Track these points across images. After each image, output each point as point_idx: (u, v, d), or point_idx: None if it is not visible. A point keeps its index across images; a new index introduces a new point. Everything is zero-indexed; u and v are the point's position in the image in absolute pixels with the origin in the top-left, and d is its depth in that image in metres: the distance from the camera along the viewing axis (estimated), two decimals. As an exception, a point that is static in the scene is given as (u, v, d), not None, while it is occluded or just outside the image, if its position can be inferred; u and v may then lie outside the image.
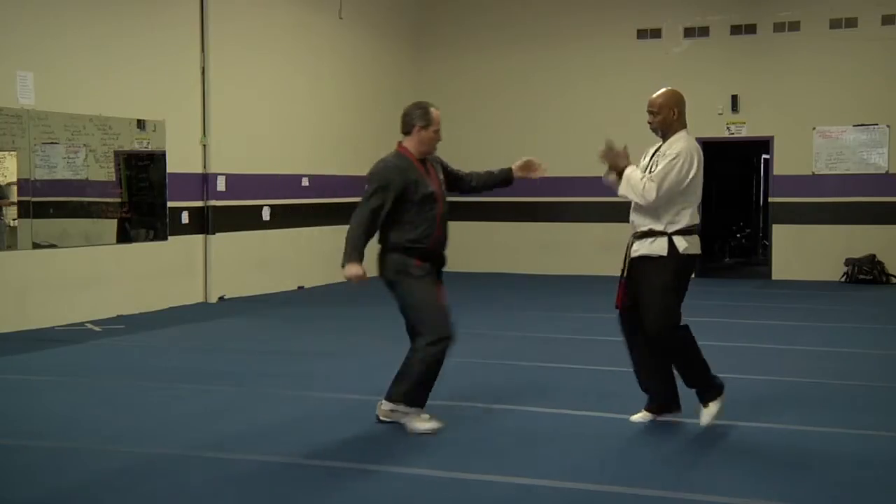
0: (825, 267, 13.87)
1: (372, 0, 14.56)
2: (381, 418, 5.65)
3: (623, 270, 5.60)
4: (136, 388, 6.84)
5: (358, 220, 5.49)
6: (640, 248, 5.49)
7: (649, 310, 5.42)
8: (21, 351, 8.19)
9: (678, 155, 5.41)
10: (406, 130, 5.62)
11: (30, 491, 4.58)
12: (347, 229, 5.48)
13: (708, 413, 5.56)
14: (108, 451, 5.17)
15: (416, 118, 5.59)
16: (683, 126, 5.57)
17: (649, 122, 5.59)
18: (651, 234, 5.46)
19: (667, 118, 5.52)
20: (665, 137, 5.55)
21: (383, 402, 5.65)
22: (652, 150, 5.66)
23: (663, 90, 5.63)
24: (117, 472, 4.84)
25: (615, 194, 5.68)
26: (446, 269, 5.68)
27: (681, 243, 5.43)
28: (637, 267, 5.51)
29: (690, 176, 5.43)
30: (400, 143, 5.66)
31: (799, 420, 5.83)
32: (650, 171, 5.48)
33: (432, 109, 5.62)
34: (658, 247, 5.42)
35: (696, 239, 5.52)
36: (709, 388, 5.56)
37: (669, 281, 5.42)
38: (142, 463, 5.00)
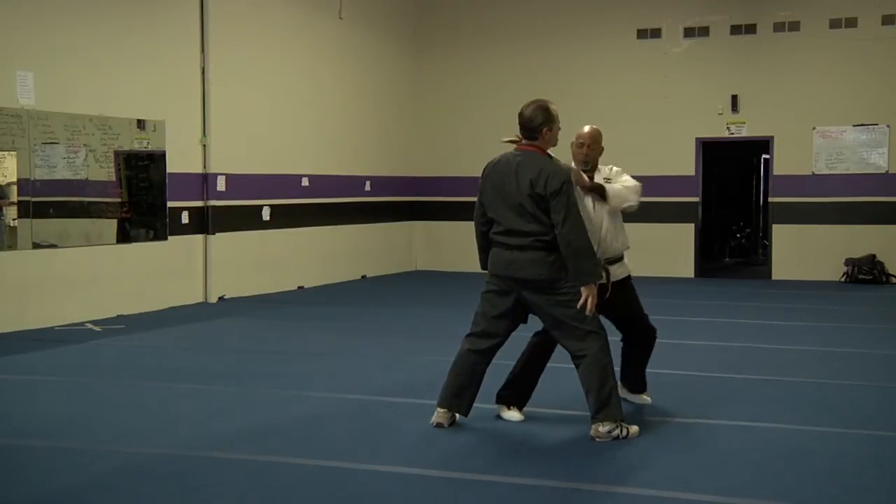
0: (825, 267, 13.88)
1: (372, 0, 14.57)
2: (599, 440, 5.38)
3: (607, 291, 5.79)
4: (136, 388, 6.84)
5: (582, 227, 5.27)
6: (622, 271, 5.88)
7: (643, 315, 6.02)
8: (21, 351, 8.19)
9: (622, 171, 5.91)
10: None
11: (29, 491, 4.58)
12: (575, 241, 5.20)
13: (646, 398, 6.12)
14: (108, 451, 5.17)
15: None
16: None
17: (585, 154, 5.83)
18: (622, 257, 5.89)
19: (598, 151, 5.87)
20: (594, 168, 5.86)
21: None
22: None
23: (588, 127, 5.90)
24: (117, 472, 4.85)
25: None
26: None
27: (629, 264, 5.98)
28: (618, 287, 5.85)
29: None
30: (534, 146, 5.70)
31: (799, 420, 5.84)
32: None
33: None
34: (629, 266, 5.95)
35: None
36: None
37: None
38: (142, 463, 5.00)
